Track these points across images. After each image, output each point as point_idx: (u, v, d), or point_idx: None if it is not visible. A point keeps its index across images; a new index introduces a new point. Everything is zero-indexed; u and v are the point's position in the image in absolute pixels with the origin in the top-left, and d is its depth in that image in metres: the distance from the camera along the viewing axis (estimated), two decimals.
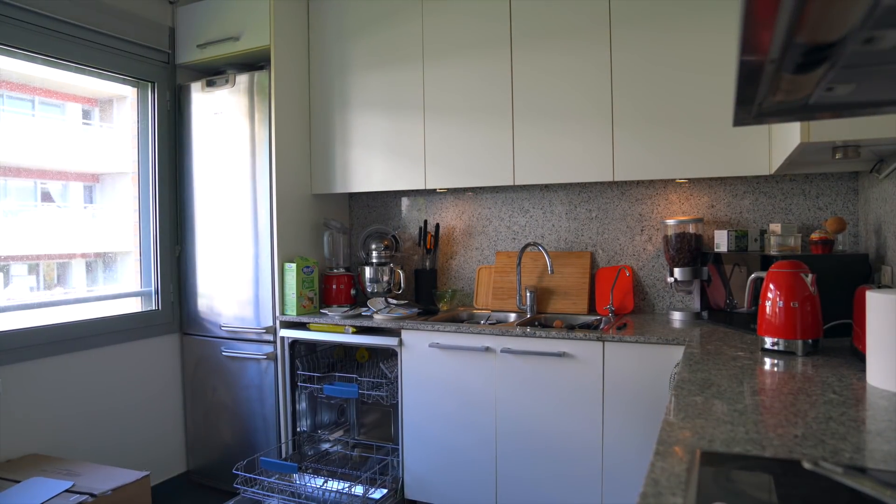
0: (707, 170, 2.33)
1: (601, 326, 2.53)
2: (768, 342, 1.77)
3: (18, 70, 2.66)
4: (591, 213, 2.84)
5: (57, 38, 2.56)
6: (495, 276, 2.95)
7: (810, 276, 1.72)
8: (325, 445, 2.88)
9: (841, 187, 2.44)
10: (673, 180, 2.67)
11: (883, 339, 1.34)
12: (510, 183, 2.63)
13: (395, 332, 2.58)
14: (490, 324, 2.73)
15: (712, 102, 2.29)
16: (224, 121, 2.94)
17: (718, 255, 2.38)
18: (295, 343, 2.81)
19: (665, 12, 2.34)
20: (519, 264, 2.83)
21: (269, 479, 2.49)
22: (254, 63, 3.01)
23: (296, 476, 2.59)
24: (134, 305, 3.00)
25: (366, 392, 2.67)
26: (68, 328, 2.58)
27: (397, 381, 2.57)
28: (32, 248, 2.77)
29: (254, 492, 2.49)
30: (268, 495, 2.48)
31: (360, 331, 2.65)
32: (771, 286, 1.77)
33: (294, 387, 2.79)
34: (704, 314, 2.49)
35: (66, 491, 2.01)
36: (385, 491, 2.58)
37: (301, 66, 3.00)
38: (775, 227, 2.29)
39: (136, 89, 3.02)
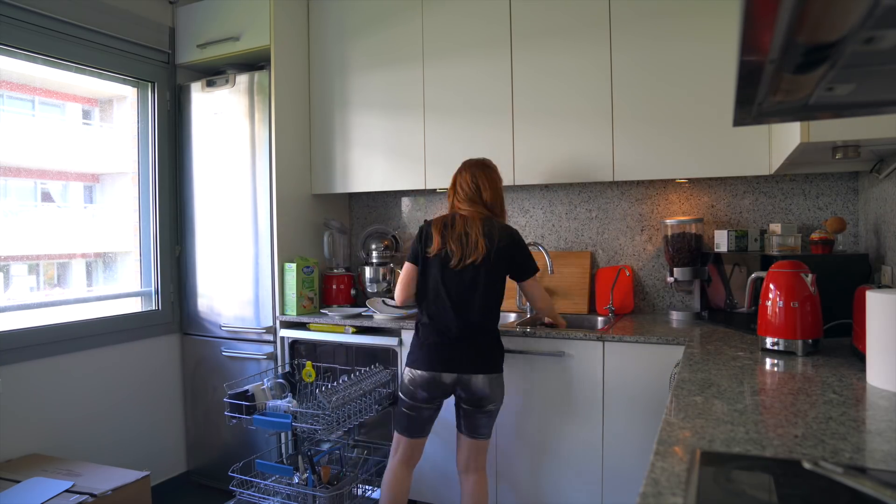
0: (707, 170, 2.33)
1: (601, 326, 2.53)
2: (768, 342, 1.77)
3: (18, 70, 2.66)
4: (591, 213, 2.84)
5: (57, 38, 2.56)
6: None
7: (810, 276, 1.72)
8: (326, 446, 2.88)
9: (841, 187, 2.44)
10: (673, 180, 2.67)
11: (883, 339, 1.34)
12: (510, 183, 2.62)
13: (395, 332, 2.57)
14: None
15: (712, 102, 2.29)
16: (224, 121, 2.94)
17: (718, 255, 2.38)
18: (295, 343, 2.81)
19: (665, 13, 2.34)
20: None
21: (266, 482, 2.48)
22: (254, 63, 3.01)
23: (295, 477, 2.59)
24: (134, 305, 3.00)
25: (298, 425, 2.28)
26: (68, 328, 2.58)
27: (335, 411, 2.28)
28: (32, 248, 2.77)
29: (250, 494, 2.48)
30: (264, 497, 2.46)
31: (360, 331, 2.65)
32: (771, 286, 1.77)
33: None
34: (704, 314, 2.49)
35: (66, 491, 2.01)
36: None
37: (301, 66, 3.00)
38: (775, 227, 2.29)
39: (136, 89, 3.02)
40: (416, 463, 2.20)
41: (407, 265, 2.17)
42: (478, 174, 2.18)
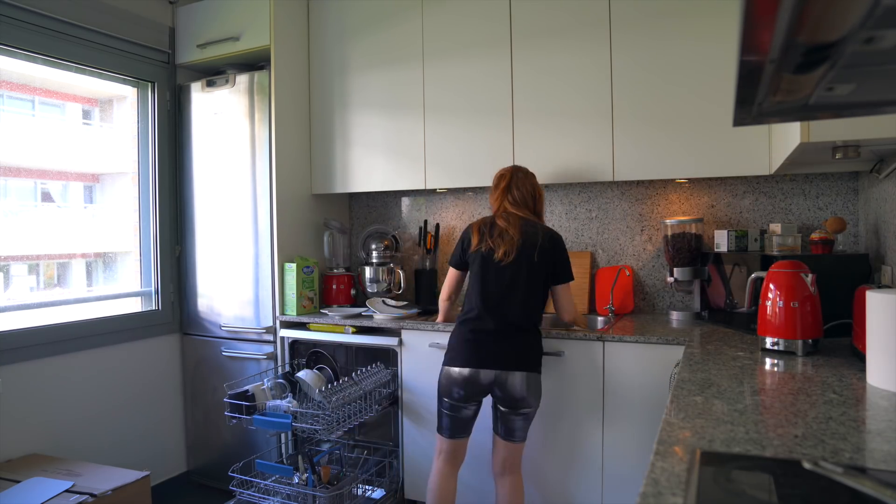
0: (707, 170, 2.33)
1: (601, 326, 2.53)
2: (768, 342, 1.77)
3: (18, 70, 2.66)
4: (591, 213, 2.84)
5: (57, 38, 2.56)
6: None
7: (810, 276, 1.72)
8: (325, 446, 2.88)
9: (841, 187, 2.44)
10: (673, 180, 2.67)
11: (883, 339, 1.34)
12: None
13: (395, 332, 2.57)
14: None
15: (712, 102, 2.29)
16: (224, 121, 2.94)
17: (718, 255, 2.38)
18: (295, 343, 2.80)
19: (665, 13, 2.34)
20: None
21: (265, 482, 2.48)
22: (254, 63, 3.01)
23: (295, 477, 2.59)
24: (134, 305, 3.00)
25: (298, 425, 2.34)
26: (68, 328, 2.58)
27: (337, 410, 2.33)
28: (32, 248, 2.77)
29: (249, 494, 2.48)
30: (264, 497, 2.46)
31: (360, 331, 2.65)
32: (771, 286, 1.77)
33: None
34: (704, 314, 2.49)
35: (66, 491, 2.01)
36: (384, 491, 2.58)
37: (301, 66, 3.00)
38: (775, 227, 2.29)
39: (136, 89, 3.02)
40: (461, 463, 2.19)
41: (450, 270, 2.29)
42: (535, 184, 2.27)
